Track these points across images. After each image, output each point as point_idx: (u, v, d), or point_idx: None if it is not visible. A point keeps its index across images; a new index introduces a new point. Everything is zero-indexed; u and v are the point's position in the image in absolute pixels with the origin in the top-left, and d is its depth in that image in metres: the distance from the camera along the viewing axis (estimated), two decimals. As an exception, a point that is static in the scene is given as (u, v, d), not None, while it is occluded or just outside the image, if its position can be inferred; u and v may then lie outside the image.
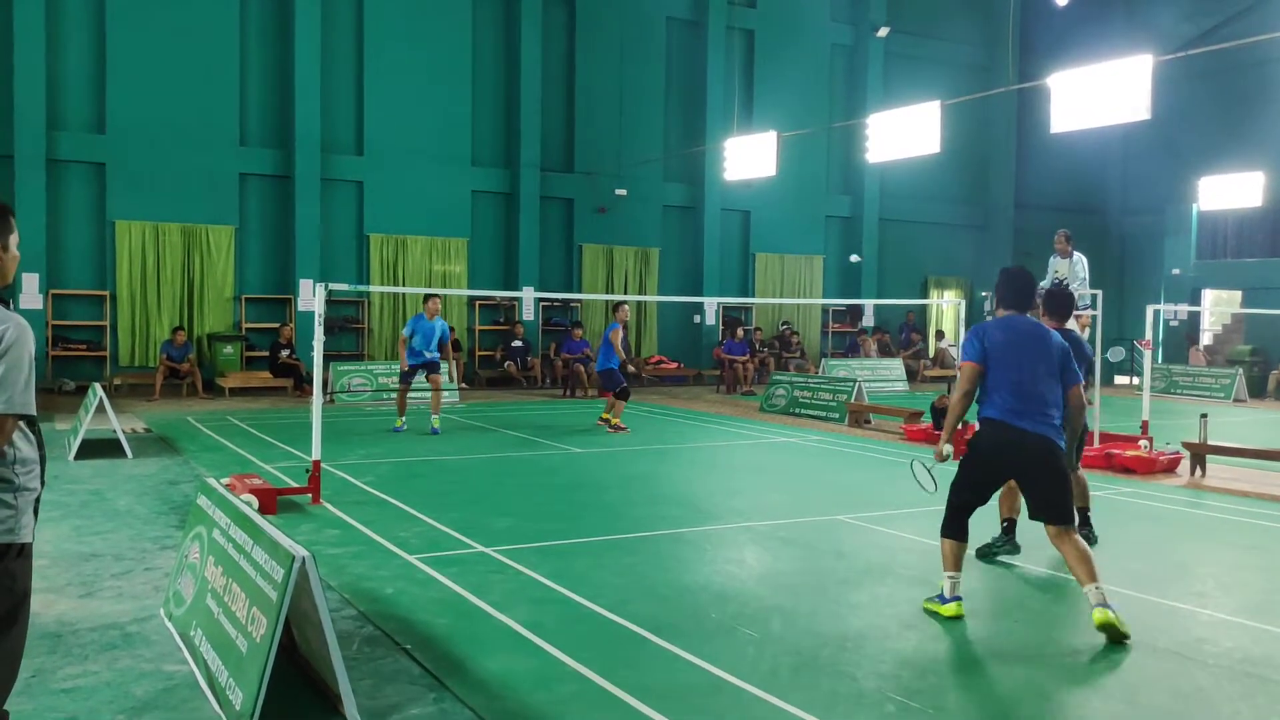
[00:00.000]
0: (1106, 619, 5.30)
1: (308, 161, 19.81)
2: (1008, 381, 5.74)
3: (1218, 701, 4.57)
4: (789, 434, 14.34)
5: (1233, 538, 8.14)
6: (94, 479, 9.66)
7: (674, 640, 5.18)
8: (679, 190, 24.15)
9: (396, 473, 10.38)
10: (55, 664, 4.73)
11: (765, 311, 25.20)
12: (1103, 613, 5.31)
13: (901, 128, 16.54)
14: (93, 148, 18.60)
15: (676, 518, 8.40)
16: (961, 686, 4.69)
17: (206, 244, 19.33)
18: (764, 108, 24.56)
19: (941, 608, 5.72)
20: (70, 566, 6.47)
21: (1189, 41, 24.35)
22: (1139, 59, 12.60)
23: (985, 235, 28.41)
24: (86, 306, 18.74)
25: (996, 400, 5.77)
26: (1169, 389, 21.51)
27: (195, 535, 5.37)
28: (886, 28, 25.92)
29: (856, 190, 26.33)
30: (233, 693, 4.11)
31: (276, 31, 19.96)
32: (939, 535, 5.95)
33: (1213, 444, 11.04)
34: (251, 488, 8.21)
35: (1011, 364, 5.77)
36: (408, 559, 6.80)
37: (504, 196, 22.14)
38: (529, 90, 21.80)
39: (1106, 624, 5.30)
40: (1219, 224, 26.24)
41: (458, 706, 4.34)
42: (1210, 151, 26.24)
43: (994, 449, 5.80)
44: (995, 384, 5.78)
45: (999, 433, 5.75)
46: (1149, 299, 18.58)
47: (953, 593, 5.73)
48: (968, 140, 26.67)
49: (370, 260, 20.76)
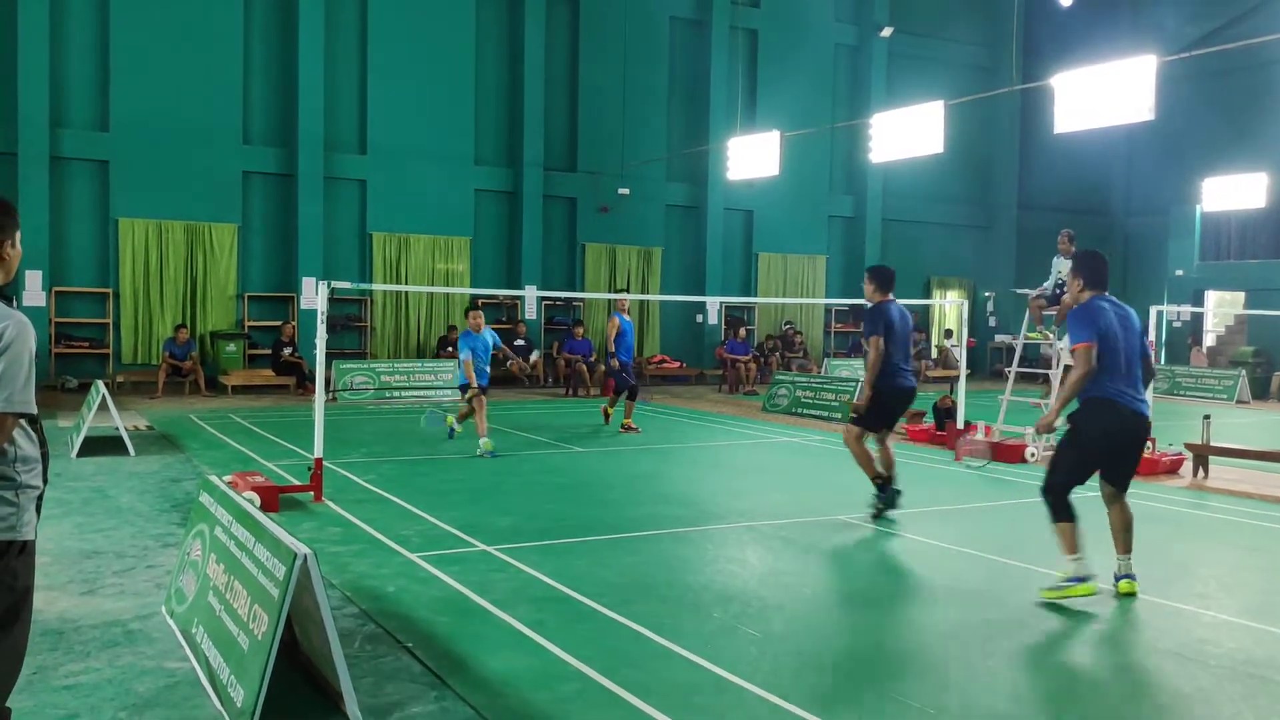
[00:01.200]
0: (1133, 589, 6.07)
1: (311, 160, 19.82)
2: (1115, 363, 5.99)
3: (1220, 702, 4.56)
4: (791, 434, 14.34)
5: (1235, 539, 8.13)
6: (96, 476, 9.67)
7: (676, 639, 5.18)
8: (682, 190, 24.14)
9: (398, 471, 10.39)
10: (57, 661, 4.73)
11: (768, 311, 25.19)
12: (1129, 584, 6.07)
13: (905, 128, 16.54)
14: (96, 145, 18.62)
15: (679, 517, 8.40)
16: (962, 686, 4.68)
17: (209, 242, 19.34)
18: (767, 107, 24.54)
19: (1076, 589, 5.95)
20: (72, 564, 6.48)
21: (1193, 42, 24.31)
22: (1143, 60, 12.59)
23: (988, 236, 28.39)
24: (89, 304, 18.75)
25: (1106, 381, 5.98)
26: (1172, 390, 21.48)
27: (197, 533, 5.37)
28: (890, 28, 25.91)
29: (859, 190, 26.31)
30: (234, 690, 4.11)
31: (280, 30, 19.97)
32: (1052, 521, 6.15)
33: (1215, 445, 11.03)
34: (254, 485, 8.21)
35: (1119, 344, 6.04)
36: (409, 557, 6.80)
37: (507, 195, 22.15)
38: (532, 89, 21.79)
39: (1132, 593, 6.06)
40: (1222, 225, 26.21)
41: (459, 705, 4.34)
42: (1214, 153, 26.22)
43: (1108, 429, 6.01)
44: (1106, 365, 5.97)
45: (1113, 413, 5.98)
46: (1152, 300, 18.54)
47: (1080, 573, 5.97)
48: (971, 141, 26.66)
49: (373, 258, 20.77)
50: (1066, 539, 6.04)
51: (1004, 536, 7.88)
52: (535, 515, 8.30)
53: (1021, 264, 27.64)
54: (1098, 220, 29.57)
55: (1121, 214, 30.38)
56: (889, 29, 25.89)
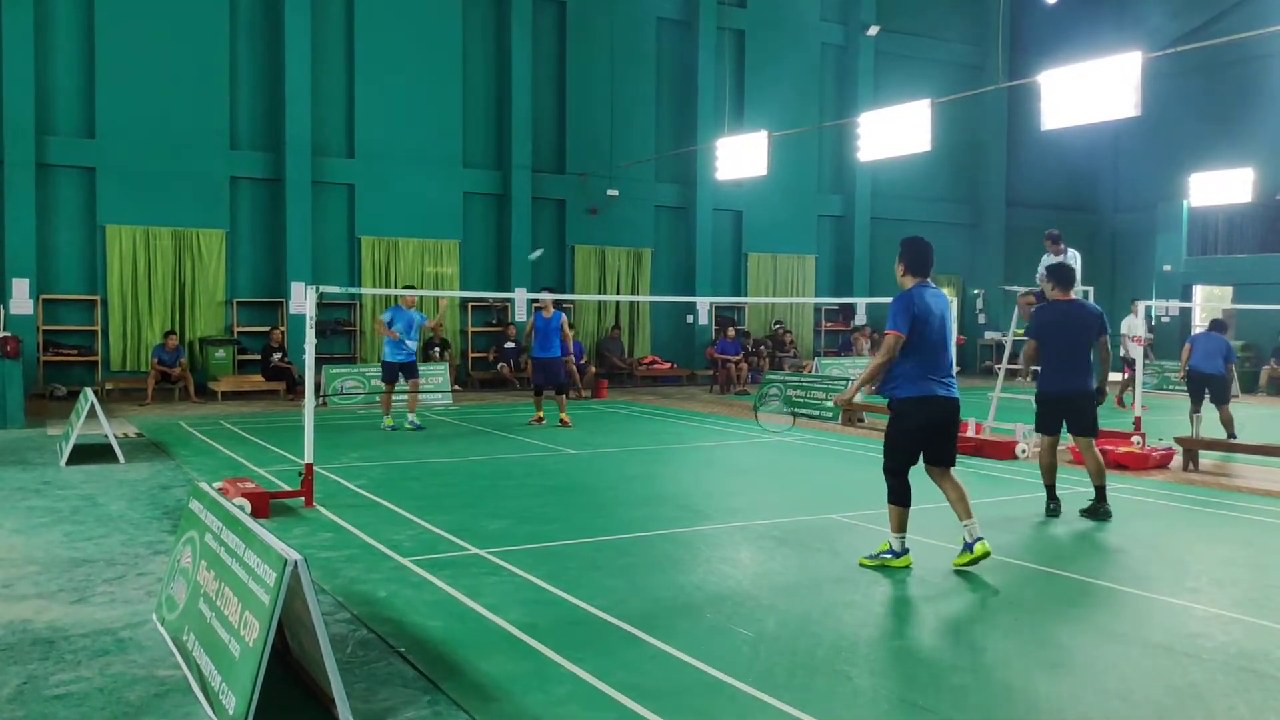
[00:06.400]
0: (987, 550, 6.52)
1: (299, 164, 19.77)
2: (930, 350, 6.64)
3: (1212, 697, 4.57)
4: (783, 433, 14.32)
5: (1226, 533, 8.15)
6: (86, 484, 9.62)
7: (669, 640, 5.18)
8: (671, 190, 24.15)
9: (390, 475, 10.36)
10: (47, 670, 4.70)
11: (758, 311, 25.22)
12: (983, 545, 6.50)
13: (892, 126, 16.57)
14: (83, 152, 18.54)
15: (671, 518, 8.40)
16: (955, 684, 4.68)
17: (197, 248, 19.28)
18: (755, 107, 24.57)
19: (894, 561, 6.63)
20: (62, 572, 6.44)
21: (1178, 38, 24.41)
22: (1128, 56, 12.64)
23: (977, 233, 28.47)
24: (77, 311, 18.67)
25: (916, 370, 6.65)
26: (1161, 385, 21.56)
27: (187, 540, 5.35)
28: (877, 27, 25.98)
29: (848, 189, 26.36)
30: (225, 697, 4.09)
31: (267, 34, 19.91)
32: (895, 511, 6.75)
33: (1205, 439, 11.08)
34: (244, 491, 8.17)
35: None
36: (401, 562, 6.78)
37: (496, 198, 22.12)
38: (520, 91, 21.78)
39: (987, 554, 6.52)
40: (1210, 220, 26.31)
41: (452, 709, 4.33)
42: (1200, 148, 26.34)
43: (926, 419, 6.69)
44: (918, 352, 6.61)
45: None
46: (1141, 295, 18.60)
47: (898, 547, 6.66)
48: (959, 139, 26.73)
49: (362, 263, 20.73)
50: (894, 519, 6.69)
51: (997, 534, 7.88)
52: (527, 518, 8.29)
53: (1010, 261, 27.75)
54: (1085, 217, 29.68)
55: (1109, 210, 30.49)
56: (876, 28, 25.96)
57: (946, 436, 6.72)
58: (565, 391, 15.17)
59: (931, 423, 6.62)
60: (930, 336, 6.55)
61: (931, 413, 6.60)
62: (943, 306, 6.72)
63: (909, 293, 6.67)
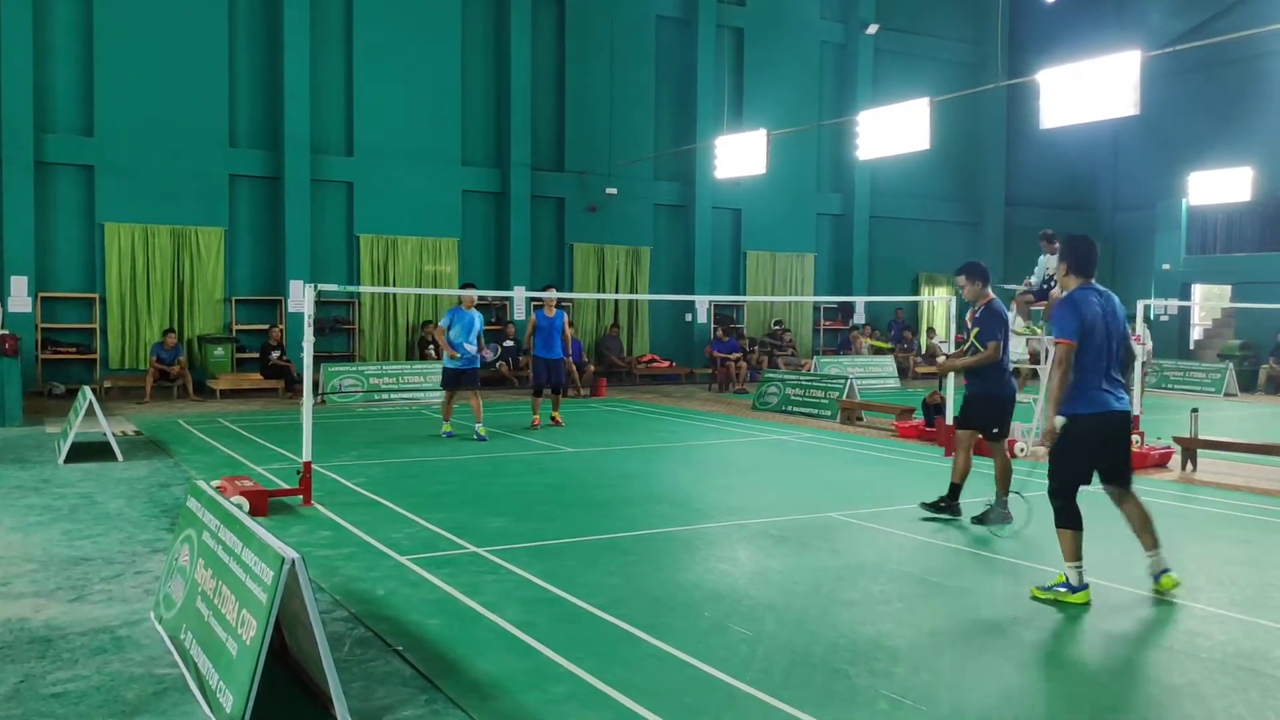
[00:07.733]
0: (1174, 582, 6.10)
1: (297, 162, 19.76)
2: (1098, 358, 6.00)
3: (1210, 695, 4.57)
4: (781, 432, 14.34)
5: (1224, 532, 8.15)
6: (84, 482, 9.62)
7: (667, 639, 5.18)
8: (670, 189, 24.15)
9: (388, 474, 10.36)
10: (45, 669, 4.70)
11: (757, 309, 25.22)
12: (1170, 579, 6.10)
13: (891, 125, 16.56)
14: (81, 150, 18.52)
15: (669, 516, 8.40)
16: (954, 683, 4.68)
17: (196, 246, 19.27)
18: (754, 106, 24.57)
19: (1070, 596, 5.94)
20: (60, 570, 6.44)
21: (1177, 37, 24.42)
22: (1127, 55, 12.64)
23: (976, 232, 28.46)
24: (76, 309, 18.66)
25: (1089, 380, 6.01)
26: (1160, 384, 21.57)
27: (185, 538, 5.34)
28: (876, 25, 25.98)
29: (847, 188, 26.35)
30: (223, 695, 4.09)
31: (265, 32, 19.90)
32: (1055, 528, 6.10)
33: (1203, 438, 11.08)
34: (242, 490, 8.17)
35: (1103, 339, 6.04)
36: (399, 560, 6.78)
37: (494, 196, 22.11)
38: (519, 89, 21.77)
39: (1174, 585, 6.10)
40: (1209, 219, 26.32)
41: (450, 708, 4.33)
42: (1199, 147, 26.34)
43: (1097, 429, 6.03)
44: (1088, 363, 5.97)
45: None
46: (1140, 294, 18.60)
47: (1075, 582, 5.96)
48: (958, 137, 26.74)
49: (361, 261, 20.72)
50: (1066, 545, 6.02)
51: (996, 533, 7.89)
52: (525, 516, 8.29)
53: (1009, 260, 27.73)
54: (1085, 215, 29.69)
55: (1108, 209, 30.50)
56: (875, 26, 25.96)
57: (1121, 452, 6.17)
58: (563, 391, 15.13)
59: (1105, 439, 6.05)
60: (1098, 342, 5.98)
61: (1106, 428, 6.02)
62: (1111, 307, 6.13)
63: (1073, 296, 6.07)
